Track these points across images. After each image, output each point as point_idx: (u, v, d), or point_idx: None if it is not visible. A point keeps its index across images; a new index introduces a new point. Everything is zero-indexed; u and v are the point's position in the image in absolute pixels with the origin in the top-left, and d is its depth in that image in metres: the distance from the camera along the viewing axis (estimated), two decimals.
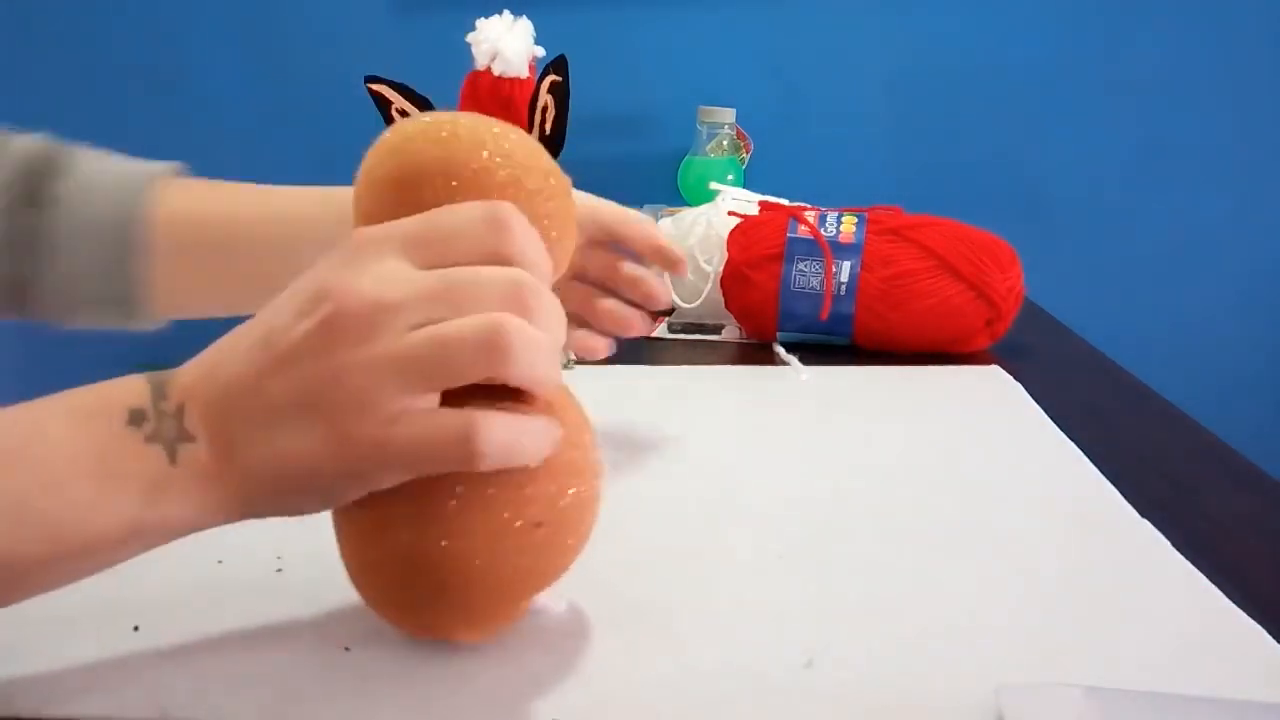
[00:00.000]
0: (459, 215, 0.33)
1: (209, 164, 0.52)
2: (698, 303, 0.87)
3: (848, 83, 1.28)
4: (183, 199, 0.53)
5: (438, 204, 0.34)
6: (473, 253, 0.33)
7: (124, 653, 0.37)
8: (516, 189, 0.36)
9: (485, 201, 0.34)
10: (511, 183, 0.36)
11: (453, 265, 0.33)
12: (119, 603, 0.33)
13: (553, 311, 0.34)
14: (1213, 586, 0.41)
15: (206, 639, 0.38)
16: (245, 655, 0.37)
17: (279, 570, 0.43)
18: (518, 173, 0.36)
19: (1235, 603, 0.40)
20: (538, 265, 0.34)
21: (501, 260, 0.33)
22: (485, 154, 0.35)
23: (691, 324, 0.89)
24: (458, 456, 0.32)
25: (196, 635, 0.38)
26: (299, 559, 0.43)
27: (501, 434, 0.32)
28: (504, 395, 0.33)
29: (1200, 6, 1.22)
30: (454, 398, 0.33)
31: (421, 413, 0.32)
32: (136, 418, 0.32)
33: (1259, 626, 0.38)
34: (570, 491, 0.36)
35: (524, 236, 0.34)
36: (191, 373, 0.34)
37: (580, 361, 0.77)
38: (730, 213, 0.86)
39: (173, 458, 0.32)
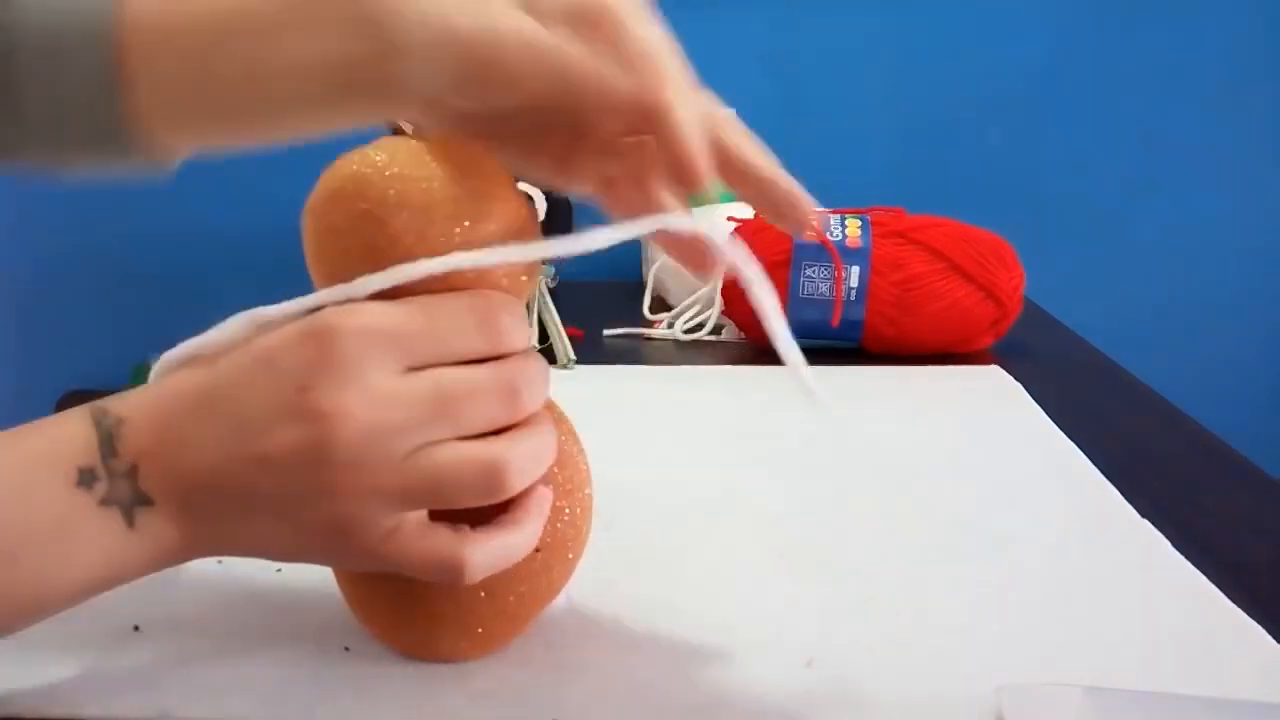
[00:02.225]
0: (446, 315, 0.31)
1: (209, 164, 0.52)
2: (710, 311, 0.87)
3: (848, 83, 1.27)
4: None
5: (408, 259, 0.31)
6: (463, 353, 0.32)
7: (124, 653, 0.37)
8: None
9: (471, 295, 0.32)
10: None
11: (440, 365, 0.31)
12: (119, 603, 0.33)
13: (542, 395, 0.33)
14: (1213, 586, 0.41)
15: (207, 639, 0.38)
16: (245, 655, 0.37)
17: (279, 570, 0.42)
18: (498, 235, 0.33)
19: (1235, 603, 0.40)
20: (523, 346, 0.33)
21: (491, 356, 0.32)
22: (469, 223, 0.32)
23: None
24: (444, 578, 0.32)
25: (196, 635, 0.38)
26: None
27: (488, 559, 0.32)
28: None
29: (1200, 6, 1.22)
30: None
31: (411, 530, 0.31)
32: (86, 478, 0.30)
33: (1259, 626, 0.38)
34: (566, 513, 0.36)
35: (512, 328, 0.32)
36: (143, 427, 0.31)
37: (580, 361, 0.77)
38: (729, 218, 0.86)
39: (130, 522, 0.31)
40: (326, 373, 0.30)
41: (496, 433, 0.32)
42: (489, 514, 0.33)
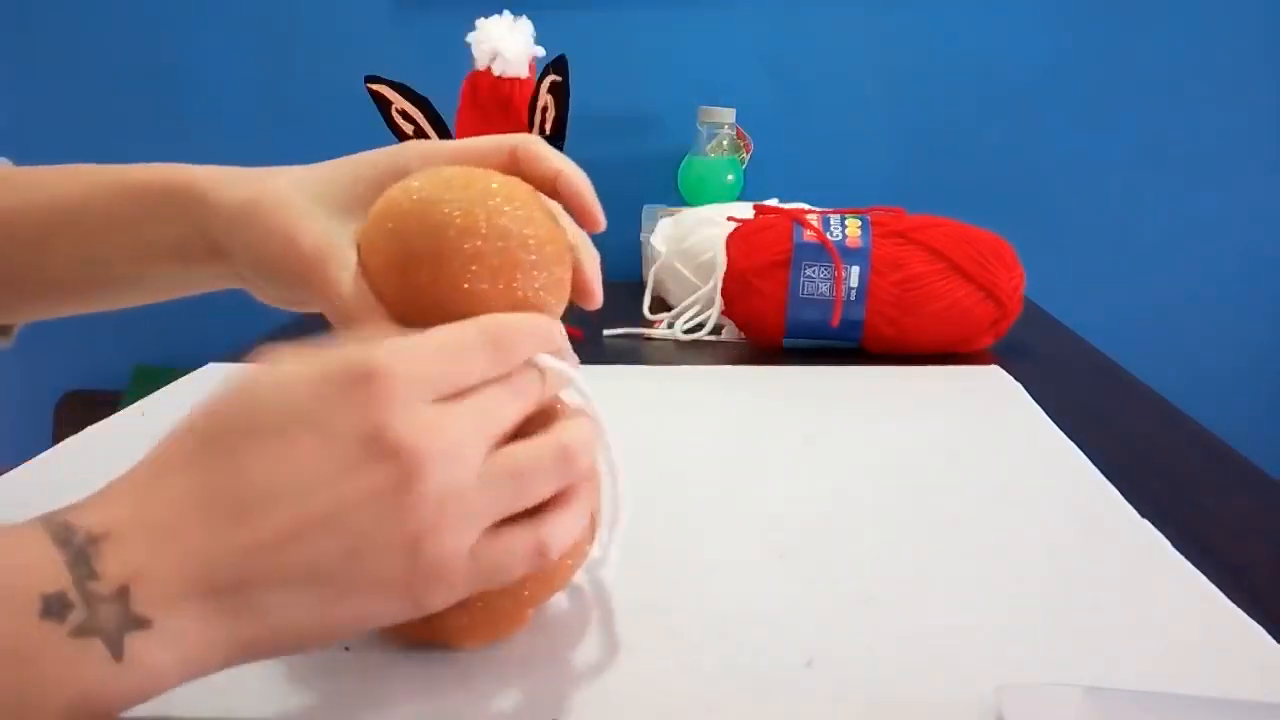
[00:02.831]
0: (469, 354, 0.32)
1: (209, 164, 0.51)
2: (710, 311, 0.87)
3: (848, 83, 1.27)
4: None
5: (434, 283, 0.34)
6: (485, 374, 0.33)
7: None
8: (513, 268, 0.35)
9: (481, 321, 0.33)
10: (508, 264, 0.35)
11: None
12: None
13: (556, 382, 0.35)
14: (1213, 586, 0.41)
15: None
16: None
17: None
18: (513, 249, 0.35)
19: (1235, 603, 0.40)
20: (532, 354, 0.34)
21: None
22: (480, 242, 0.34)
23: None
24: (532, 565, 0.33)
25: None
26: None
27: (561, 537, 0.33)
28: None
29: (1200, 7, 1.22)
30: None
31: (493, 542, 0.31)
32: (55, 607, 0.25)
33: (1259, 626, 0.38)
34: None
35: (523, 342, 0.34)
36: (133, 538, 0.27)
37: (580, 361, 0.77)
38: (729, 218, 0.86)
39: (118, 653, 0.26)
40: (389, 411, 0.29)
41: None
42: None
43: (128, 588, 0.26)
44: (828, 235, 0.78)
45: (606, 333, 0.88)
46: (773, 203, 0.95)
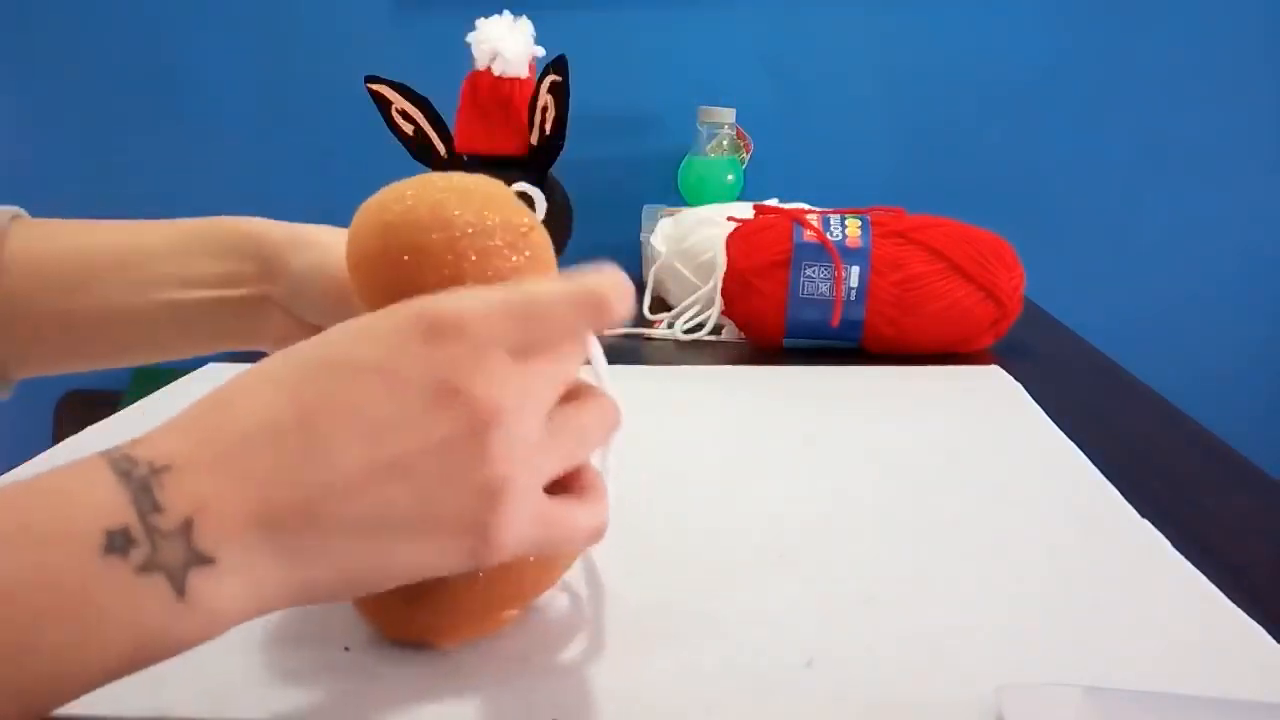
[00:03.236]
0: (546, 314, 0.32)
1: (209, 164, 0.52)
2: (710, 311, 0.87)
3: (848, 83, 1.28)
4: (29, 239, 0.46)
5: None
6: (565, 329, 0.33)
7: None
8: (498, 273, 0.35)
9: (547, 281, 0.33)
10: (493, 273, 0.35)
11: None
12: None
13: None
14: (1213, 587, 0.41)
15: None
16: (246, 655, 0.37)
17: None
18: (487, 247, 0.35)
19: (1235, 603, 0.40)
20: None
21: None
22: (449, 271, 0.34)
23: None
24: (591, 542, 0.34)
25: None
26: None
27: (607, 519, 0.34)
28: None
29: (1200, 7, 1.22)
30: None
31: (558, 511, 0.32)
32: (119, 542, 0.25)
33: (1259, 626, 0.38)
34: None
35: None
36: (197, 471, 0.27)
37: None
38: (729, 218, 0.86)
39: (180, 590, 0.25)
40: (459, 360, 0.29)
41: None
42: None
43: (191, 521, 0.26)
44: (828, 235, 0.78)
45: (606, 332, 0.88)
46: (773, 203, 0.96)
